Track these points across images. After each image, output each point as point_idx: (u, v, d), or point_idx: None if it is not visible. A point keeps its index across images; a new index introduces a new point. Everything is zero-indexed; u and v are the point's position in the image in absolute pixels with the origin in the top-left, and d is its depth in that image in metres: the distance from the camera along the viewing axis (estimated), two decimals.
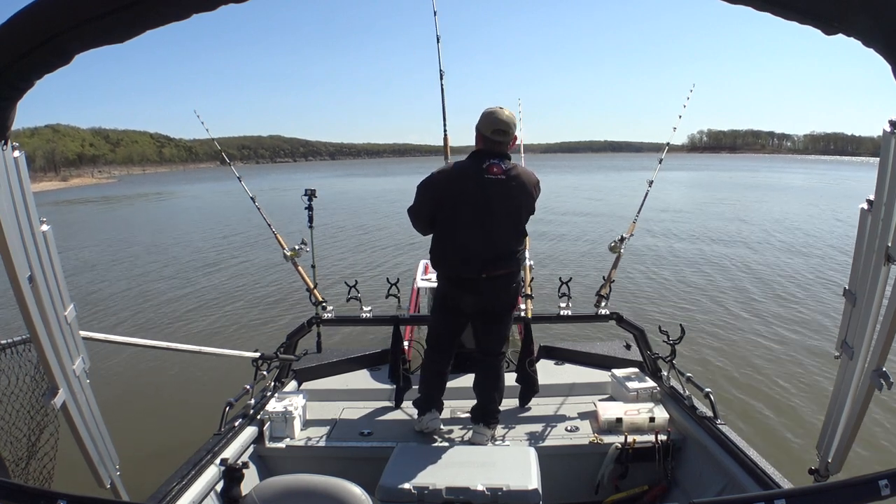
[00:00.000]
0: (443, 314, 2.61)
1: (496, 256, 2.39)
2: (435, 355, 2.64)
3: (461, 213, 2.38)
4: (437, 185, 2.42)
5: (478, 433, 2.52)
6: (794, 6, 0.95)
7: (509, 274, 2.46)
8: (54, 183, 73.39)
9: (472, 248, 2.38)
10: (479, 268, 2.38)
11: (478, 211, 2.36)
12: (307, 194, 3.55)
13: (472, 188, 2.35)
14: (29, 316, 1.27)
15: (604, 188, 31.28)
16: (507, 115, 2.39)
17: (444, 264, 2.50)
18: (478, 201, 2.36)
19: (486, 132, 2.38)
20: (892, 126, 1.27)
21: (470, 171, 2.38)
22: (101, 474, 1.55)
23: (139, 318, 7.92)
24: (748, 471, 1.98)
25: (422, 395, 2.64)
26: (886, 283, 1.37)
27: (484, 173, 2.35)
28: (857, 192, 7.52)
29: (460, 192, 2.37)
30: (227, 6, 0.98)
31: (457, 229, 2.40)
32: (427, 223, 2.50)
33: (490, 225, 2.37)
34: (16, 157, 1.21)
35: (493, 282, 2.42)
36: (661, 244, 12.34)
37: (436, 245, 2.51)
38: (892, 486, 0.94)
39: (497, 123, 2.36)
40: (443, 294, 2.57)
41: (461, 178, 2.39)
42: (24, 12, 0.96)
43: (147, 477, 2.30)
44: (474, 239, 2.37)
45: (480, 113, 2.44)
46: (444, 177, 2.42)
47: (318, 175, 66.09)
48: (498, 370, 2.60)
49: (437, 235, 2.49)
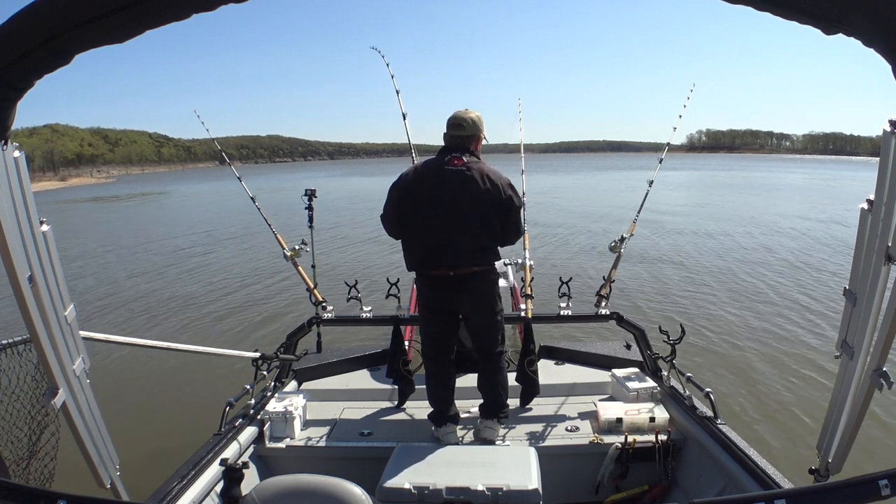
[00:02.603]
0: (426, 317, 2.60)
1: (463, 252, 2.38)
2: (432, 364, 2.62)
3: (424, 208, 2.41)
4: (401, 182, 2.48)
5: (488, 428, 2.52)
6: (794, 6, 0.95)
7: (482, 272, 2.45)
8: (53, 183, 73.31)
9: (438, 244, 2.39)
10: (448, 264, 2.39)
11: (440, 203, 2.39)
12: (307, 194, 3.56)
13: (434, 179, 2.42)
14: (29, 316, 1.27)
15: (604, 188, 31.28)
16: (465, 112, 2.52)
17: (414, 264, 2.51)
18: (441, 193, 2.39)
19: (447, 129, 2.52)
20: (892, 126, 1.27)
21: (431, 163, 2.47)
22: (101, 474, 1.54)
23: (139, 318, 7.91)
24: (748, 471, 1.98)
25: (433, 407, 2.62)
26: (886, 283, 1.37)
27: (444, 165, 2.43)
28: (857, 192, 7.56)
29: (423, 185, 2.43)
30: (226, 6, 0.98)
31: (421, 226, 2.43)
32: (396, 224, 2.53)
33: (454, 218, 2.38)
34: (16, 157, 1.21)
35: (464, 280, 2.42)
36: (662, 244, 12.34)
37: (405, 245, 2.53)
38: (892, 486, 0.94)
39: (453, 119, 2.50)
40: (421, 295, 2.58)
41: (425, 172, 2.47)
42: (24, 12, 0.96)
43: (147, 477, 2.30)
44: (439, 234, 2.39)
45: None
46: (408, 173, 2.50)
47: (317, 175, 66.05)
48: (497, 367, 2.60)
49: (405, 235, 2.52)
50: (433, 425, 2.59)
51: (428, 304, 2.55)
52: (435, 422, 2.58)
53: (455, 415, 2.63)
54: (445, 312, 2.55)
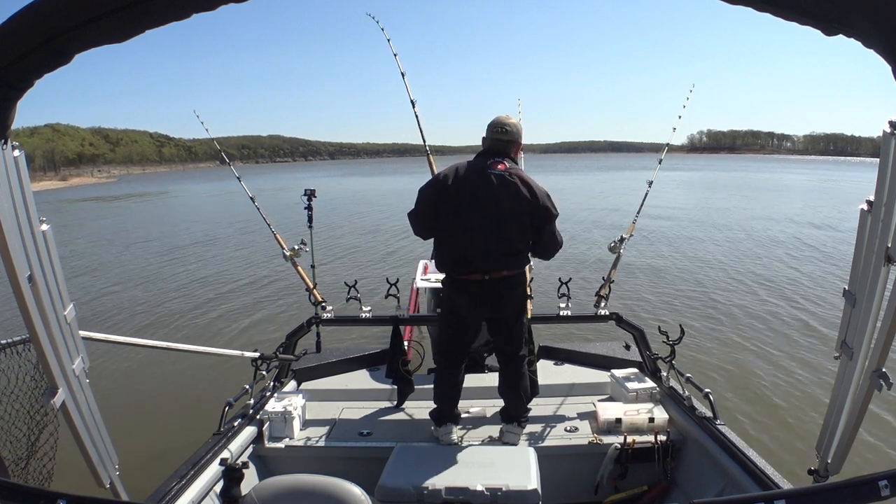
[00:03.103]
0: (449, 320, 2.56)
1: (498, 256, 2.37)
2: (446, 363, 2.60)
3: (464, 210, 2.38)
4: (440, 181, 2.43)
5: (510, 433, 2.53)
6: (794, 7, 0.95)
7: (513, 276, 2.43)
8: (54, 182, 73.35)
9: (476, 246, 2.35)
10: (482, 267, 2.36)
11: (480, 205, 2.36)
12: (307, 194, 3.56)
13: (476, 182, 2.38)
14: (28, 316, 1.27)
15: (604, 188, 31.27)
16: (507, 117, 2.55)
17: (445, 265, 2.48)
18: (482, 196, 2.36)
19: (489, 133, 2.49)
20: (892, 127, 1.27)
21: (474, 166, 2.44)
22: (100, 474, 1.54)
23: (139, 318, 7.92)
24: (748, 471, 1.98)
25: (437, 406, 2.61)
26: (886, 283, 1.37)
27: (487, 168, 2.40)
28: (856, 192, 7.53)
29: (464, 187, 2.39)
30: (226, 6, 0.98)
31: (460, 227, 2.38)
32: (428, 224, 2.48)
33: (493, 221, 2.36)
34: (16, 157, 1.21)
35: (497, 284, 2.40)
36: (662, 244, 12.35)
37: (438, 246, 2.48)
38: (892, 487, 0.93)
39: (498, 124, 2.51)
40: (448, 298, 2.53)
41: (466, 173, 2.42)
42: (24, 12, 0.96)
43: (147, 477, 2.30)
44: (476, 236, 2.35)
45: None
46: (448, 173, 2.44)
47: (317, 175, 66.10)
48: (520, 371, 2.59)
49: (440, 236, 2.47)
50: (433, 424, 2.58)
51: (454, 307, 2.51)
52: (436, 420, 2.58)
53: (456, 416, 2.63)
54: (471, 316, 2.52)
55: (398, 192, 27.41)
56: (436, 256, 2.51)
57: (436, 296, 4.52)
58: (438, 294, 4.42)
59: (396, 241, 13.62)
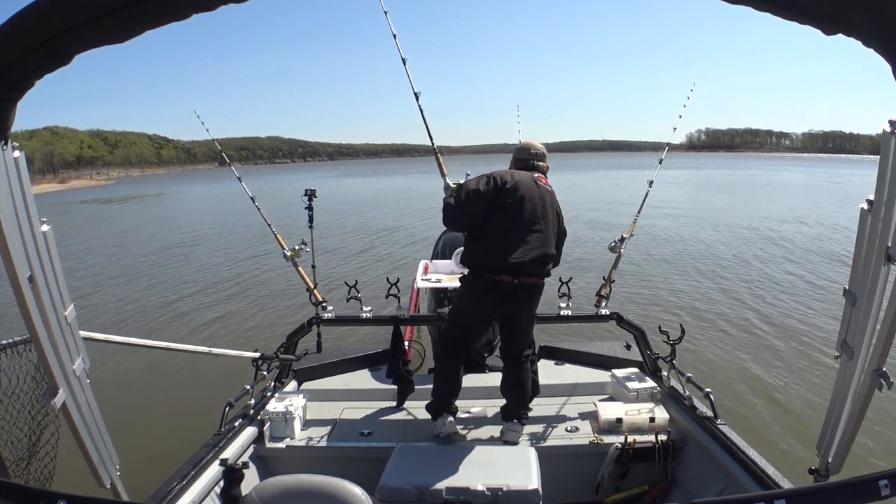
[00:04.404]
0: (464, 314, 2.63)
1: (536, 262, 2.46)
2: (451, 359, 2.65)
3: (515, 212, 2.47)
4: (500, 182, 2.51)
5: (511, 430, 2.55)
6: (794, 6, 0.95)
7: (538, 285, 2.54)
8: (52, 185, 73.31)
9: (520, 249, 2.44)
10: (517, 270, 2.43)
11: (533, 214, 2.48)
12: (307, 194, 3.56)
13: (531, 189, 2.52)
14: (29, 316, 1.27)
15: (603, 188, 31.27)
16: (539, 144, 2.78)
17: (481, 260, 2.50)
18: (534, 203, 2.50)
19: (527, 156, 2.71)
20: (892, 126, 1.28)
21: (528, 176, 2.58)
22: (101, 474, 1.54)
23: (139, 318, 7.92)
24: (748, 471, 1.98)
25: (435, 398, 2.64)
26: (886, 283, 1.37)
27: (536, 181, 2.57)
28: (856, 191, 7.51)
29: (520, 191, 2.50)
30: (226, 6, 0.98)
31: (509, 228, 2.47)
32: (471, 219, 2.53)
33: (535, 229, 2.48)
34: (16, 158, 1.21)
35: (521, 289, 2.47)
36: (662, 244, 12.34)
37: (477, 240, 2.52)
38: (892, 486, 0.94)
39: (538, 150, 2.73)
40: (470, 294, 2.58)
41: (523, 181, 2.54)
42: (24, 12, 0.96)
43: (147, 477, 2.30)
44: (518, 239, 2.45)
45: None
46: (506, 174, 2.56)
47: (317, 175, 66.07)
48: (524, 370, 2.65)
49: (480, 235, 2.51)
50: (431, 416, 2.60)
51: (472, 305, 2.58)
52: (433, 413, 2.60)
53: (454, 408, 2.65)
54: (489, 314, 2.62)
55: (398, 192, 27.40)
56: (470, 250, 2.56)
57: (436, 296, 4.52)
58: (439, 294, 4.42)
59: (397, 241, 13.62)
